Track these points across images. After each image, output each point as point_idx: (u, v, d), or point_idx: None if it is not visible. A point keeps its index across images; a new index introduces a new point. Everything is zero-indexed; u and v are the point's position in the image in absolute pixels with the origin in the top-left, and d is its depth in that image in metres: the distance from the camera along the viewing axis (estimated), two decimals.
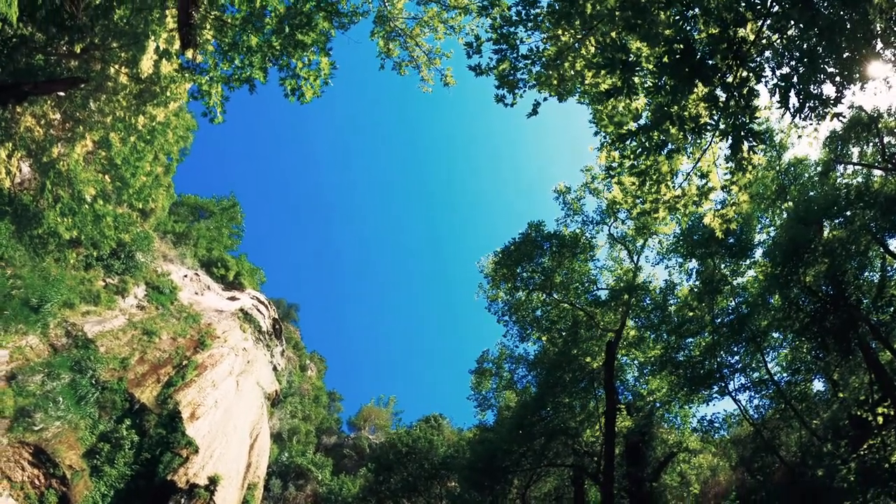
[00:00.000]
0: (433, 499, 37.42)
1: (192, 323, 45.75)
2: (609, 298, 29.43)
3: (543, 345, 31.98)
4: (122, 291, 42.76)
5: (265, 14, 14.98)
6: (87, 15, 21.97)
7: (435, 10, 16.21)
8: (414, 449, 37.92)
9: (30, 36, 21.64)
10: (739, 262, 25.92)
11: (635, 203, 14.10)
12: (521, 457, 28.77)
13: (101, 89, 22.57)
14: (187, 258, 58.12)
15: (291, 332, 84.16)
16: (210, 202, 73.10)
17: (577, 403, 29.25)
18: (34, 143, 23.85)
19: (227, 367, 43.90)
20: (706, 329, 25.64)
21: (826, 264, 21.80)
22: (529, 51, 12.61)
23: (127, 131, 23.88)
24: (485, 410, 35.85)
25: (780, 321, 23.89)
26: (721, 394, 25.80)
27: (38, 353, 29.63)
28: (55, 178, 23.98)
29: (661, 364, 26.81)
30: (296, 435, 63.97)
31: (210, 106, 15.14)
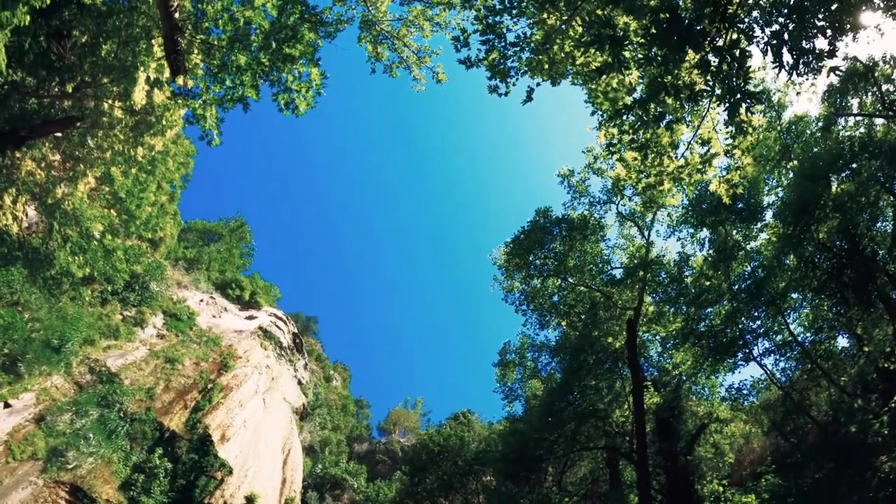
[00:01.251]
0: (470, 495, 37.43)
1: (213, 346, 46.03)
2: (624, 276, 29.34)
3: (564, 330, 31.92)
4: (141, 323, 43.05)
5: (250, 32, 15.01)
6: (74, 54, 22.09)
7: (419, 8, 16.18)
8: (446, 447, 37.94)
9: (20, 81, 21.78)
10: (750, 226, 25.75)
11: (640, 178, 14.04)
12: (553, 444, 28.73)
13: (98, 125, 22.67)
14: (201, 282, 58.47)
15: (312, 345, 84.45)
16: (218, 225, 73.54)
17: (603, 385, 29.18)
18: (37, 186, 23.98)
19: (253, 386, 44.11)
20: (724, 297, 25.50)
21: (837, 219, 21.63)
22: (517, 38, 12.57)
23: (127, 164, 23.99)
24: (512, 402, 35.88)
25: (797, 281, 23.72)
26: (746, 360, 25.66)
27: (64, 392, 29.88)
28: (62, 218, 24.11)
29: (683, 337, 26.68)
30: (327, 446, 64.17)
31: (206, 129, 15.20)
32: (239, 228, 74.44)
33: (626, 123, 11.82)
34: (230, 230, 73.53)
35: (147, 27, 18.45)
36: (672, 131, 12.08)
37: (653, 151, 12.66)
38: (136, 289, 43.52)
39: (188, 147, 39.33)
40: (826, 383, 24.97)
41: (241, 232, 74.35)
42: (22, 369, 28.28)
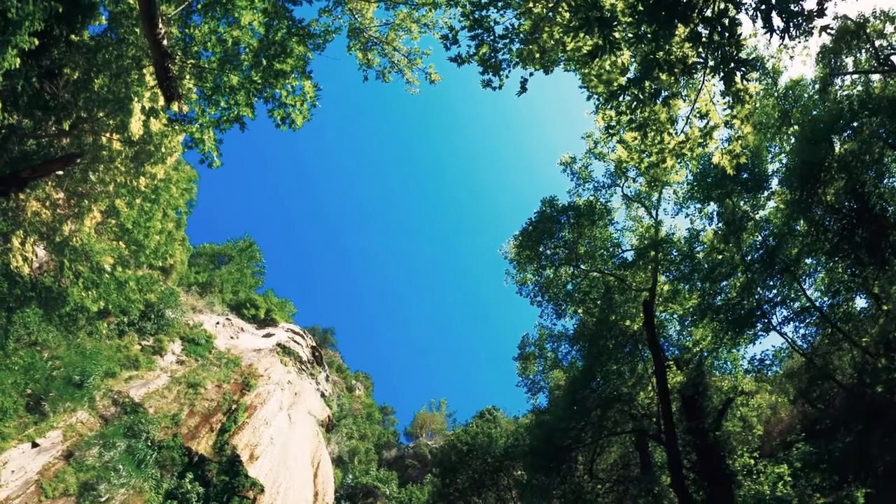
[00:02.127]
0: (502, 491, 37.43)
1: (234, 367, 46.22)
2: (636, 258, 29.24)
3: (581, 317, 31.86)
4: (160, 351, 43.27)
5: (240, 51, 15.07)
6: (67, 91, 22.22)
7: (405, 11, 16.19)
8: (474, 446, 37.94)
9: (17, 124, 21.94)
10: (757, 195, 25.61)
11: (641, 158, 14.03)
12: (581, 432, 28.66)
13: (98, 160, 22.82)
14: (216, 305, 58.76)
15: (332, 356, 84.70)
16: (227, 246, 73.93)
17: (625, 368, 29.09)
18: (44, 226, 24.16)
19: (276, 403, 44.24)
20: (738, 269, 25.37)
21: (844, 179, 21.50)
22: (505, 30, 12.56)
23: (131, 195, 24.13)
24: (536, 394, 35.83)
25: (809, 246, 23.59)
26: (766, 330, 25.50)
27: (90, 426, 30.06)
28: (71, 254, 24.27)
29: (701, 313, 26.56)
30: (356, 455, 64.30)
31: (205, 152, 15.25)
32: (248, 248, 74.79)
33: (623, 104, 11.78)
34: (239, 251, 73.89)
35: (137, 57, 18.55)
36: (669, 107, 12.05)
37: (652, 129, 12.63)
38: (151, 318, 43.76)
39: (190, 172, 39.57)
40: (848, 346, 24.80)
41: (250, 252, 74.70)
42: (46, 408, 28.48)
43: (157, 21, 13.54)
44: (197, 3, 15.13)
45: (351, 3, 16.02)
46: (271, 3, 14.42)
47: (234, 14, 14.70)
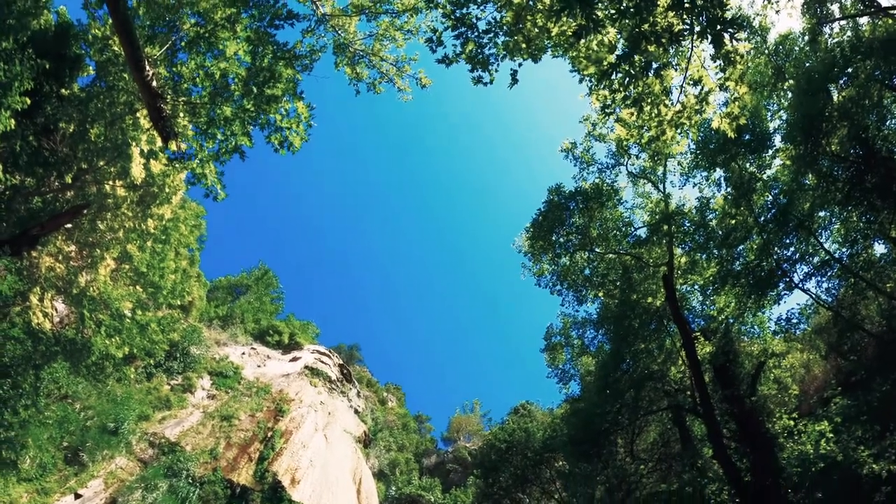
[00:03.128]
0: (546, 483, 37.33)
1: (265, 395, 46.43)
2: (649, 234, 29.11)
3: (602, 301, 31.75)
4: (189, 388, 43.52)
5: (229, 82, 15.14)
6: (65, 145, 22.43)
7: (387, 20, 16.23)
8: (512, 443, 37.87)
9: (20, 183, 22.16)
10: (762, 154, 25.40)
11: (641, 133, 13.98)
12: (617, 415, 28.53)
13: (104, 208, 22.99)
14: (239, 336, 59.11)
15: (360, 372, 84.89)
16: (242, 277, 74.64)
17: (653, 346, 28.92)
18: (60, 280, 24.36)
19: (311, 425, 44.36)
20: (753, 231, 25.19)
21: (846, 127, 21.31)
22: (488, 24, 12.54)
23: (141, 238, 24.29)
24: (567, 383, 35.65)
25: (820, 198, 23.39)
26: (789, 289, 25.31)
27: (130, 471, 30.27)
28: (90, 304, 24.44)
29: (721, 280, 26.39)
30: (397, 467, 64.36)
31: (209, 186, 15.33)
32: (263, 276, 75.40)
33: (615, 82, 11.74)
34: (255, 279, 74.51)
35: (129, 102, 18.69)
36: (662, 79, 12.01)
37: (647, 103, 12.58)
38: (177, 357, 44.05)
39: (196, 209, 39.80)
40: (873, 294, 24.58)
41: (266, 279, 75.28)
42: (85, 458, 28.71)
43: (143, 64, 13.64)
44: (180, 42, 15.23)
45: (333, 20, 16.07)
46: (254, 31, 14.48)
47: (219, 46, 14.78)
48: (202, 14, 14.80)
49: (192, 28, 14.99)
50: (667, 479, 29.97)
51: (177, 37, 15.21)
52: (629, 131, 14.65)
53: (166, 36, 15.15)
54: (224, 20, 14.51)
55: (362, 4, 16.12)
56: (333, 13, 16.28)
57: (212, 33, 14.58)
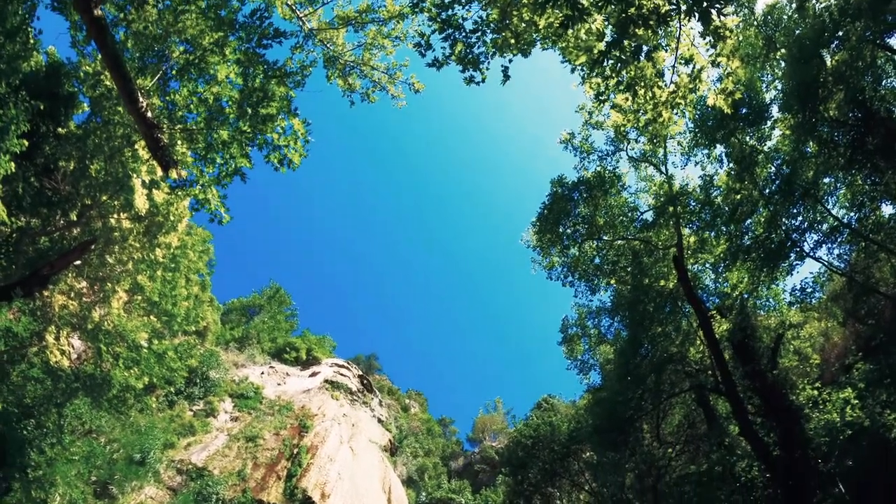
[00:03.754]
0: (575, 475, 37.25)
1: (287, 412, 46.57)
2: (656, 217, 29.03)
3: (615, 288, 31.68)
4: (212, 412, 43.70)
5: (223, 106, 15.19)
6: (67, 183, 22.58)
7: (374, 29, 16.25)
8: (538, 438, 37.79)
9: (26, 225, 22.32)
10: (761, 127, 25.29)
11: (638, 117, 13.95)
12: (640, 401, 28.43)
13: (111, 242, 23.10)
14: (257, 356, 59.34)
15: (380, 381, 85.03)
16: (254, 297, 75.17)
17: (669, 328, 28.82)
18: (74, 317, 24.49)
19: (336, 438, 44.43)
20: (759, 204, 25.10)
21: (842, 91, 21.20)
22: (475, 23, 12.55)
23: (151, 268, 24.39)
24: (588, 373, 35.57)
25: (824, 165, 23.27)
26: (800, 259, 25.20)
27: (160, 500, 30.43)
28: (106, 338, 24.56)
29: (732, 256, 26.30)
30: (425, 472, 64.38)
31: (213, 211, 15.35)
32: (276, 294, 75.85)
33: (608, 68, 11.74)
34: (268, 298, 74.98)
35: (126, 135, 18.78)
36: (653, 61, 11.98)
37: (641, 87, 12.56)
38: (197, 382, 44.25)
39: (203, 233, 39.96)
40: (885, 256, 24.44)
41: (278, 297, 75.72)
42: (114, 491, 28.85)
43: (136, 96, 13.70)
44: (171, 70, 15.29)
45: (320, 34, 16.11)
46: (243, 53, 14.52)
47: (210, 71, 14.82)
48: (190, 41, 14.87)
49: (182, 56, 15.05)
50: (695, 461, 29.86)
51: (167, 66, 15.27)
52: (626, 116, 14.61)
53: (157, 66, 15.21)
54: (212, 45, 14.56)
55: (348, 16, 16.15)
56: (320, 27, 16.32)
57: (201, 59, 14.63)
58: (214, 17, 14.48)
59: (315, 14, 16.29)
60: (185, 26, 14.58)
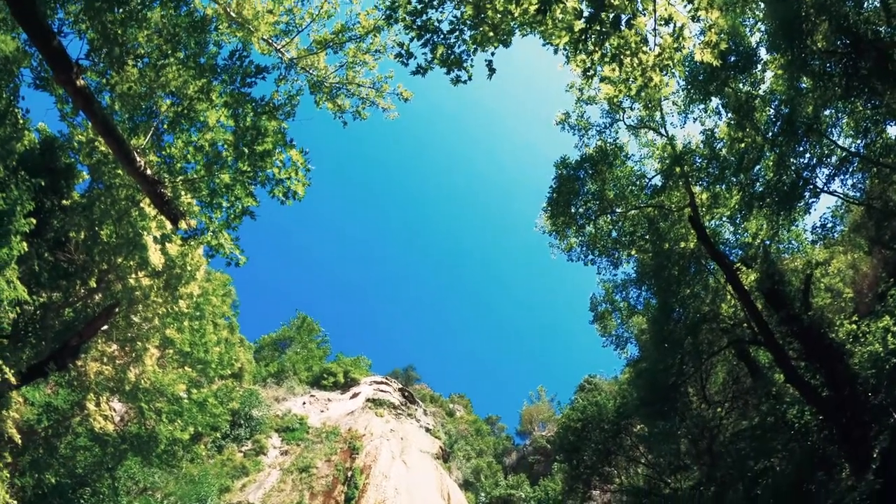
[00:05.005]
0: (629, 450, 37.07)
1: (335, 437, 46.78)
2: (664, 180, 28.84)
3: (636, 258, 31.51)
4: (261, 450, 43.98)
5: (219, 150, 15.28)
6: (81, 252, 22.85)
7: (352, 47, 16.31)
8: (586, 419, 37.62)
9: (48, 300, 22.60)
10: (752, 71, 25.08)
11: (629, 86, 13.91)
12: (681, 365, 28.27)
13: (134, 301, 23.34)
14: (295, 387, 59.74)
15: (422, 390, 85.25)
16: (284, 330, 75.96)
17: (698, 288, 28.65)
18: (110, 381, 24.77)
19: (388, 455, 44.55)
20: (764, 148, 24.87)
21: (826, 21, 20.96)
22: (451, 23, 12.54)
23: (177, 321, 24.61)
24: (624, 347, 35.40)
25: (821, 98, 23.02)
26: (815, 196, 24.98)
27: None
28: (145, 396, 24.82)
29: (747, 205, 26.09)
30: (480, 473, 64.35)
31: (227, 254, 15.44)
32: (303, 324, 76.62)
33: (590, 43, 11.73)
34: (297, 329, 75.74)
35: (130, 195, 18.95)
36: (634, 27, 11.94)
37: (627, 55, 12.53)
38: (241, 423, 44.56)
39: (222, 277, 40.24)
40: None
41: (307, 326, 76.44)
42: None
43: (133, 156, 13.82)
44: (162, 125, 15.42)
45: (301, 62, 16.18)
46: (229, 95, 14.61)
47: (200, 119, 14.94)
48: (175, 93, 14.98)
49: (170, 108, 15.17)
50: (746, 416, 29.63)
51: (157, 121, 15.39)
52: (616, 87, 14.56)
53: (147, 123, 15.34)
54: (198, 93, 14.66)
55: (325, 39, 16.21)
56: (300, 55, 16.39)
57: (190, 108, 14.74)
58: (195, 66, 14.59)
59: (292, 43, 16.37)
60: (168, 79, 14.70)
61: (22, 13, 12.05)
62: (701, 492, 28.24)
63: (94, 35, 14.10)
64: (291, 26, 16.46)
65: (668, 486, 32.70)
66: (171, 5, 14.38)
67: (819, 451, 22.26)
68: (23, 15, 12.10)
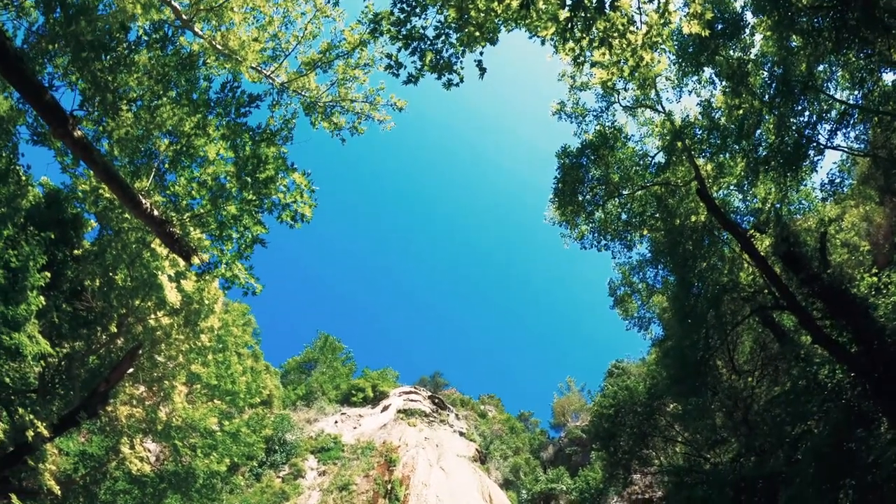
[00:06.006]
0: (665, 430, 36.87)
1: (371, 452, 46.88)
2: (668, 157, 28.72)
3: (649, 237, 31.41)
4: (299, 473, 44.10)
5: (223, 182, 15.36)
6: (98, 299, 23.03)
7: (341, 64, 16.39)
8: (618, 405, 37.42)
9: (71, 350, 22.80)
10: (741, 37, 24.97)
11: (621, 67, 13.90)
12: (706, 339, 28.10)
13: (156, 341, 23.50)
14: (326, 407, 59.98)
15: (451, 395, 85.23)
16: (307, 352, 76.55)
17: (714, 260, 28.51)
18: (142, 422, 24.93)
19: (425, 463, 44.58)
20: (763, 112, 24.75)
21: None
22: (436, 28, 12.59)
23: (201, 355, 24.76)
24: (648, 328, 35.22)
25: (813, 54, 22.86)
26: (819, 153, 24.83)
27: None
28: (178, 434, 24.97)
29: (753, 171, 25.97)
30: (519, 470, 64.20)
31: (243, 285, 15.50)
32: (326, 344, 77.12)
33: (577, 30, 11.73)
34: (320, 349, 76.28)
35: (140, 238, 19.08)
36: (619, 9, 11.93)
37: (615, 38, 12.51)
38: (276, 449, 44.72)
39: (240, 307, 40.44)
40: None
41: (330, 345, 76.92)
42: None
43: (138, 200, 13.92)
44: (163, 165, 15.51)
45: (292, 84, 16.27)
46: (225, 127, 14.70)
47: (200, 154, 15.03)
48: (172, 131, 15.07)
49: (169, 148, 15.26)
50: (778, 382, 29.42)
51: (158, 161, 15.49)
52: (609, 70, 14.56)
53: (149, 164, 15.43)
54: (194, 129, 14.75)
55: (313, 59, 16.30)
56: (290, 78, 16.49)
57: (188, 145, 14.83)
58: (188, 102, 14.68)
59: (281, 68, 16.47)
60: (164, 119, 14.79)
61: (11, 72, 12.15)
62: (741, 463, 28.01)
63: (84, 85, 14.20)
64: (278, 51, 16.58)
65: (708, 462, 32.47)
66: (157, 46, 14.48)
67: (855, 408, 22.03)
68: (12, 74, 12.20)
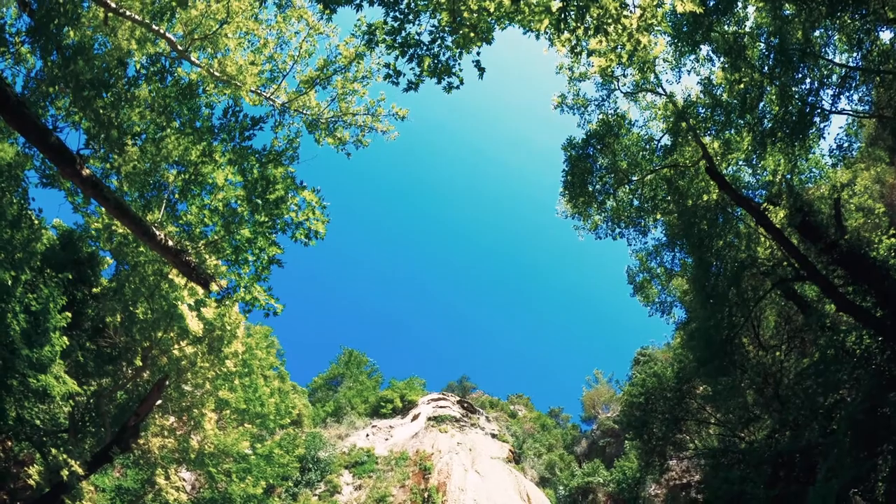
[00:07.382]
0: (697, 413, 36.60)
1: (405, 462, 46.87)
2: (673, 138, 28.61)
3: (663, 221, 31.27)
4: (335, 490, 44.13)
5: (234, 207, 15.45)
6: (120, 334, 23.21)
7: (340, 79, 16.46)
8: (648, 392, 37.17)
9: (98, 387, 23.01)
10: (734, 11, 24.80)
11: (619, 53, 13.86)
12: (730, 317, 27.89)
13: (182, 371, 23.63)
14: (356, 421, 60.17)
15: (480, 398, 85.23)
16: (333, 369, 77.10)
17: (730, 237, 28.32)
18: (175, 452, 25.06)
19: (460, 468, 44.51)
20: (764, 83, 24.59)
21: None
22: (431, 33, 12.60)
23: (227, 381, 24.88)
24: (670, 312, 34.97)
25: (807, 21, 22.69)
26: (825, 119, 24.58)
27: None
28: (211, 461, 25.08)
29: (760, 144, 25.81)
30: (555, 467, 63.96)
31: (264, 306, 15.56)
32: (351, 358, 77.60)
33: (571, 19, 11.71)
34: (345, 364, 76.83)
35: (157, 270, 19.21)
36: None
37: (610, 24, 12.49)
38: (310, 467, 44.78)
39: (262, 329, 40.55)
40: None
41: (355, 360, 77.41)
42: None
43: (152, 232, 14.02)
44: (173, 195, 15.62)
45: (293, 104, 16.36)
46: (231, 152, 14.78)
47: (209, 181, 15.13)
48: (179, 161, 15.19)
49: (178, 178, 15.37)
50: (805, 354, 29.14)
51: (168, 192, 15.60)
52: (607, 57, 14.50)
53: (159, 196, 15.55)
54: (200, 157, 14.85)
55: (311, 77, 16.39)
56: (290, 98, 16.59)
57: (196, 173, 14.93)
58: (192, 131, 14.78)
59: (281, 89, 16.58)
60: (170, 150, 14.91)
61: (14, 118, 12.29)
62: (776, 439, 27.76)
63: (88, 123, 14.35)
64: (276, 72, 16.70)
65: (743, 441, 32.19)
66: (155, 79, 14.62)
67: (886, 373, 21.79)
68: (16, 120, 12.34)
